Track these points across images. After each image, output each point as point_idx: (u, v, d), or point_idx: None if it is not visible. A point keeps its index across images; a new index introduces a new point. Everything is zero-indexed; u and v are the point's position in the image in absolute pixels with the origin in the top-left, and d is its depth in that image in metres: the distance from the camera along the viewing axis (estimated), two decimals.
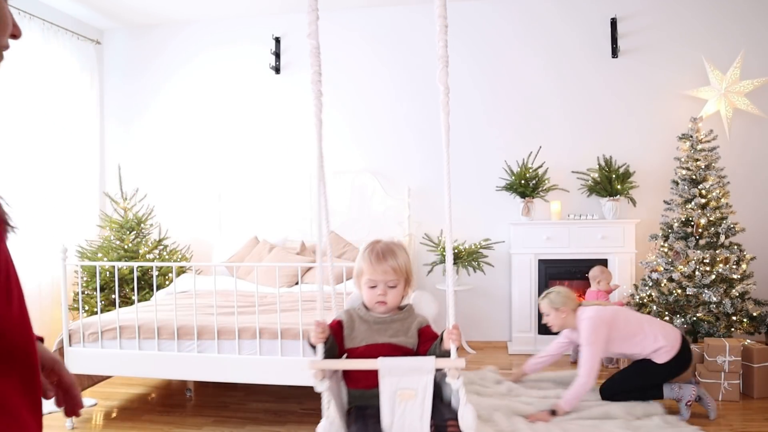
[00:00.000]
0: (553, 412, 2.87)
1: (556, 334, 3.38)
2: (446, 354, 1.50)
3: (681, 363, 2.99)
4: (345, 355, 1.65)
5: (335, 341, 1.61)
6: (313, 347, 1.54)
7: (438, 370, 1.49)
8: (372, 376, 1.45)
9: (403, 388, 1.41)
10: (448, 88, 1.47)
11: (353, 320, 1.65)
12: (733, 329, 3.62)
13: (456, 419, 1.44)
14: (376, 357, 1.46)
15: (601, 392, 3.11)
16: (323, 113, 1.71)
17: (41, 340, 0.91)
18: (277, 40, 5.02)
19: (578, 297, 4.21)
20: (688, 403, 2.93)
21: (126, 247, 4.39)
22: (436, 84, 1.49)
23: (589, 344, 2.93)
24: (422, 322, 1.68)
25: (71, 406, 0.91)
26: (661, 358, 2.96)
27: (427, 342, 1.63)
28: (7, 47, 0.77)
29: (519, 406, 3.00)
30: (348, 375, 1.64)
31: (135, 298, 3.32)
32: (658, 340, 2.97)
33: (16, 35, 0.80)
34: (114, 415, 3.19)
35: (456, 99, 4.82)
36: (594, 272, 4.08)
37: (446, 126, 1.47)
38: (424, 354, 1.58)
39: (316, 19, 1.52)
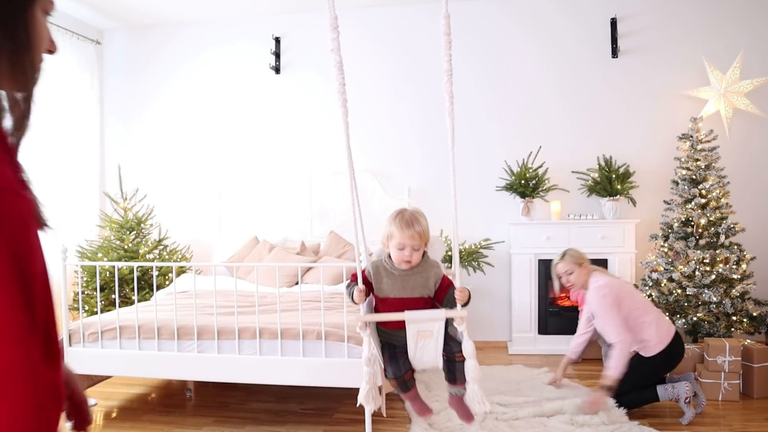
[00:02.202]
0: (604, 387, 2.80)
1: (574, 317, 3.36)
2: (455, 305, 1.92)
3: (669, 360, 2.97)
4: (374, 303, 2.02)
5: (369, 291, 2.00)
6: (356, 303, 1.95)
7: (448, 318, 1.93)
8: (399, 323, 1.90)
9: (423, 330, 1.88)
10: (453, 96, 1.73)
11: (380, 273, 1.98)
12: (733, 329, 3.62)
13: (461, 351, 1.89)
14: (403, 309, 1.90)
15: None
16: (325, 112, 1.78)
17: None
18: (277, 40, 5.02)
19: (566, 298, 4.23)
20: (687, 400, 2.93)
21: (126, 247, 4.39)
22: (436, 85, 1.61)
23: (604, 312, 2.90)
24: (438, 273, 2.00)
25: (80, 422, 0.94)
26: (647, 352, 2.94)
27: (443, 290, 1.99)
28: (42, 61, 0.78)
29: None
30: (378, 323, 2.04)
31: (135, 298, 3.32)
32: (650, 330, 2.94)
33: (51, 51, 0.80)
34: (114, 415, 3.19)
35: (457, 99, 4.81)
36: None
37: (452, 131, 1.76)
38: (441, 299, 1.98)
39: (337, 36, 1.75)
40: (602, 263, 4.27)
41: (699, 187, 3.86)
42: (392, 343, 2.01)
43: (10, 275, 0.62)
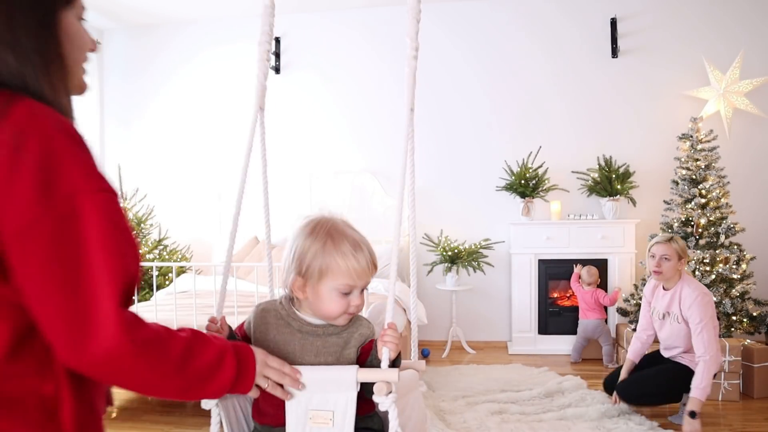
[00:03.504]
0: (693, 414, 2.59)
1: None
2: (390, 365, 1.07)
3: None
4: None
5: None
6: None
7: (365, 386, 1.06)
8: (280, 411, 1.07)
9: (316, 408, 1.04)
10: (418, 44, 1.27)
11: (268, 323, 1.18)
12: (733, 329, 3.62)
13: None
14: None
15: (619, 392, 2.93)
16: (325, 112, 1.60)
17: None
18: (277, 40, 5.02)
19: (573, 297, 4.23)
20: None
21: None
22: (437, 85, 1.42)
23: (707, 322, 2.70)
24: (365, 334, 1.18)
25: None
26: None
27: (366, 355, 1.18)
28: (83, 62, 0.89)
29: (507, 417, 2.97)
30: (255, 405, 1.20)
31: (135, 298, 3.32)
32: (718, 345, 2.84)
33: (93, 49, 0.90)
34: (114, 415, 3.19)
35: (459, 99, 4.83)
36: (593, 277, 4.13)
37: (411, 85, 1.26)
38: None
39: None
40: (602, 263, 4.28)
41: (699, 187, 3.86)
42: None
43: (123, 268, 0.75)
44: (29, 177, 0.69)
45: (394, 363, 1.07)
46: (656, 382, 2.87)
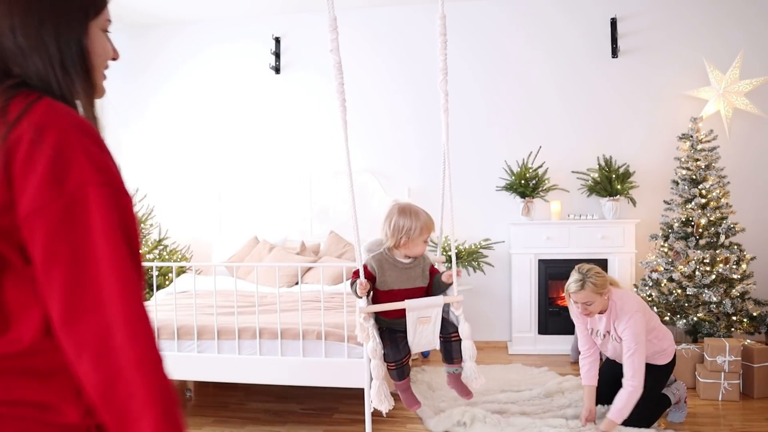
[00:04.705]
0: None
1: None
2: (446, 287, 2.14)
3: (674, 359, 2.89)
4: (376, 296, 2.13)
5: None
6: (359, 297, 2.05)
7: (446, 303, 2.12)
8: (399, 312, 2.03)
9: (422, 316, 2.05)
10: (448, 94, 1.82)
11: (384, 267, 2.10)
12: (733, 329, 3.62)
13: (457, 332, 2.10)
14: (406, 299, 2.03)
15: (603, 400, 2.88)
16: (325, 112, 1.85)
17: None
18: (277, 40, 5.02)
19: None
20: (685, 401, 2.93)
21: None
22: (436, 84, 1.67)
23: (638, 343, 2.58)
24: (428, 262, 2.20)
25: None
26: (666, 358, 2.81)
27: (431, 277, 2.19)
28: (106, 68, 0.95)
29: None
30: (380, 313, 2.14)
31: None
32: (666, 336, 2.81)
33: (114, 58, 0.96)
34: None
35: (457, 99, 4.82)
36: None
37: (446, 127, 1.89)
38: (431, 286, 2.18)
39: (336, 37, 1.83)
40: (602, 263, 4.27)
41: (699, 187, 3.86)
42: (393, 328, 2.12)
43: (129, 256, 0.78)
44: (42, 167, 0.75)
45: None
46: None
